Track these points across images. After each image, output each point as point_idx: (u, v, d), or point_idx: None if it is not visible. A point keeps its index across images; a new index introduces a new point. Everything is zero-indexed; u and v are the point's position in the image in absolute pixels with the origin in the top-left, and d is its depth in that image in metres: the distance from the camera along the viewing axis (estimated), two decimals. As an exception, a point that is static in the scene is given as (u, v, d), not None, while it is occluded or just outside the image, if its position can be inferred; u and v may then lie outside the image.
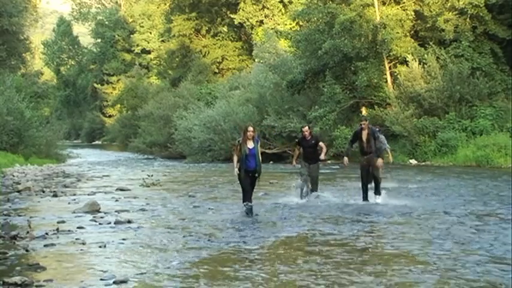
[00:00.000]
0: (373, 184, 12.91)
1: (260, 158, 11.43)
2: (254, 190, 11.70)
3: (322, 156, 13.68)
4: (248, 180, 11.35)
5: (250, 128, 11.31)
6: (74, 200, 14.05)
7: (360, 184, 13.25)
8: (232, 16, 47.27)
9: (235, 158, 11.45)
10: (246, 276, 6.86)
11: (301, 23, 36.64)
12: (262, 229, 9.90)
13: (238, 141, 11.39)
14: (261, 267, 7.30)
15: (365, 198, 12.77)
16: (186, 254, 7.96)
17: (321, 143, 13.61)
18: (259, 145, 11.44)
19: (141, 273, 6.92)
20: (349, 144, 13.48)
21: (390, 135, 28.04)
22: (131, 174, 23.53)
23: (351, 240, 8.93)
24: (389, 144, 28.14)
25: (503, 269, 7.06)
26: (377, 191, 12.77)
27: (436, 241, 8.69)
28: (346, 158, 13.38)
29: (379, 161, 12.74)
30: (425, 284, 6.45)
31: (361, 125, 12.90)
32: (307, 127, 13.70)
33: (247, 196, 11.41)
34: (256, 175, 11.33)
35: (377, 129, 14.28)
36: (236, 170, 11.31)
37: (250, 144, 11.23)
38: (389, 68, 29.85)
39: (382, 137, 14.69)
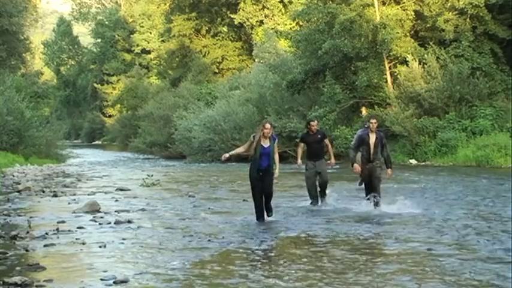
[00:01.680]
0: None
1: (277, 157, 10.60)
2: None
3: (332, 161, 12.80)
4: (257, 182, 10.39)
5: (268, 125, 10.39)
6: (74, 200, 14.04)
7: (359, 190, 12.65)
8: (232, 16, 47.27)
9: (239, 149, 10.81)
10: (247, 276, 6.85)
11: (301, 23, 36.59)
12: (263, 229, 9.89)
13: (254, 137, 10.42)
14: (262, 267, 7.29)
15: (368, 194, 11.76)
16: (186, 254, 7.96)
17: (326, 140, 12.69)
18: (276, 143, 10.52)
19: (141, 273, 6.92)
20: (354, 150, 11.77)
21: (390, 135, 28.06)
22: (131, 174, 23.51)
23: (352, 240, 8.93)
24: (389, 144, 28.37)
25: (503, 268, 7.06)
26: (377, 204, 11.60)
27: (437, 241, 8.69)
28: (356, 165, 11.64)
29: (389, 172, 11.70)
30: (426, 283, 6.45)
31: (369, 124, 11.56)
32: (316, 121, 12.85)
33: (259, 208, 10.46)
34: (273, 171, 10.46)
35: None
36: (227, 155, 10.58)
37: (265, 143, 10.36)
38: (389, 68, 29.83)
39: None
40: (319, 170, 12.41)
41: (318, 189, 12.64)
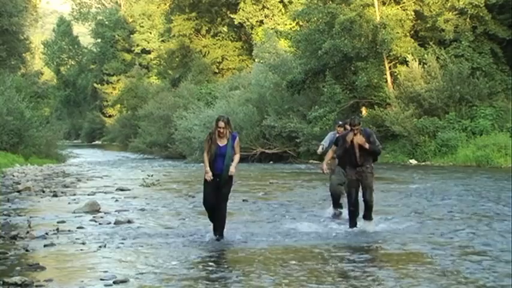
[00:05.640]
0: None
1: (237, 157, 8.76)
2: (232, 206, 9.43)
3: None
4: (211, 190, 8.68)
5: (221, 124, 8.68)
6: (74, 200, 14.04)
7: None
8: (232, 16, 47.25)
9: (205, 157, 8.75)
10: (247, 276, 6.85)
11: (301, 23, 36.60)
12: (263, 229, 9.89)
13: (210, 134, 8.84)
14: (262, 267, 7.29)
15: (353, 225, 9.74)
16: (186, 254, 7.96)
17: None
18: (236, 143, 8.79)
19: (141, 273, 6.93)
20: (339, 153, 9.92)
21: (390, 135, 28.09)
22: (131, 174, 23.52)
23: (352, 241, 8.94)
24: (389, 144, 28.44)
25: (503, 269, 7.06)
26: (367, 216, 9.77)
27: (437, 241, 8.70)
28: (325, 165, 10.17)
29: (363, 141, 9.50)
30: (425, 284, 6.45)
31: (353, 130, 9.58)
32: (342, 128, 11.11)
33: (213, 217, 8.87)
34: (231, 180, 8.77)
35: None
36: (210, 172, 8.62)
37: (222, 142, 8.72)
38: (389, 68, 29.84)
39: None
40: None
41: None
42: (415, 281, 6.54)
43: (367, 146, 9.49)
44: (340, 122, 11.74)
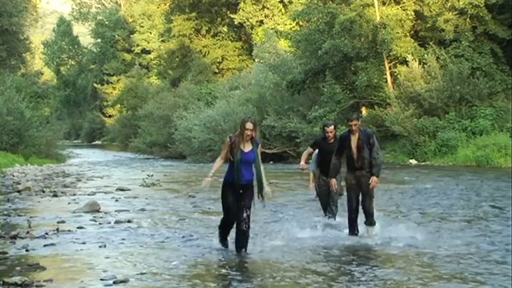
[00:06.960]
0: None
1: (263, 168, 7.91)
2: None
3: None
4: (234, 200, 7.81)
5: (249, 125, 7.76)
6: (74, 200, 14.04)
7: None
8: (232, 16, 47.27)
9: (218, 162, 8.02)
10: (247, 276, 6.86)
11: (301, 23, 36.62)
12: (263, 230, 9.88)
13: (231, 139, 7.86)
14: (262, 267, 7.29)
15: (352, 231, 9.11)
16: (186, 254, 7.96)
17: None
18: (259, 149, 7.94)
19: (141, 273, 6.92)
20: (336, 157, 9.14)
21: (390, 135, 28.10)
22: (131, 174, 23.52)
23: (352, 241, 8.93)
24: (389, 144, 28.43)
25: (502, 269, 7.06)
26: (370, 223, 9.10)
27: (436, 240, 8.69)
28: (334, 181, 9.31)
29: (372, 181, 8.84)
30: (421, 283, 6.45)
31: (349, 126, 8.88)
32: (332, 126, 10.19)
33: (226, 232, 8.07)
34: (259, 192, 7.82)
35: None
36: (208, 178, 7.91)
37: (246, 147, 7.82)
38: (389, 68, 29.84)
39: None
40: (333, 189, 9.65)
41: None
42: (414, 282, 6.55)
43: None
44: (329, 122, 10.80)
